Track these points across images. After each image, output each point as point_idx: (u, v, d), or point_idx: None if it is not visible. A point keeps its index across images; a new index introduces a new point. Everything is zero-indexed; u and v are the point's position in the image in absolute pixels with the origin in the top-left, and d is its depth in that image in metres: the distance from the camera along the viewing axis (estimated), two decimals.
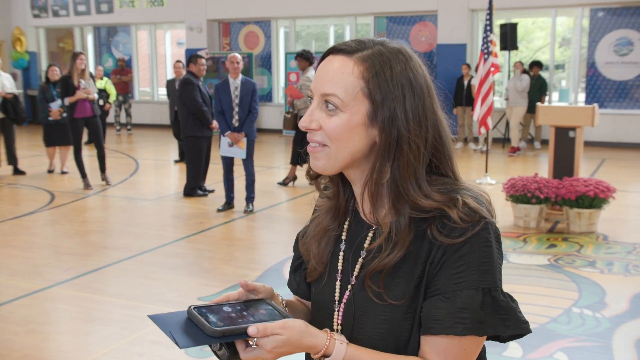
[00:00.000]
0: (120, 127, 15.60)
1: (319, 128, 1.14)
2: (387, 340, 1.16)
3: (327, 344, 1.11)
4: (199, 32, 15.98)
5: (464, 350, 1.12)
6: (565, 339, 3.80)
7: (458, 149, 12.57)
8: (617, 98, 12.92)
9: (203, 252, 5.73)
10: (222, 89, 7.00)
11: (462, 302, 1.10)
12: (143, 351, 3.70)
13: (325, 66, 1.15)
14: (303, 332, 1.10)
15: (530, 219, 6.29)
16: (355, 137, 1.13)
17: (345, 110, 1.12)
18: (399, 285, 1.15)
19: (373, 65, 1.12)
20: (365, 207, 1.21)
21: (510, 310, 1.13)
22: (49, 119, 9.53)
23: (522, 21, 15.01)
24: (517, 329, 1.14)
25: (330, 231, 1.27)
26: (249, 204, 7.22)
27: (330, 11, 14.78)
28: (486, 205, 1.16)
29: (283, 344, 1.08)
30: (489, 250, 1.12)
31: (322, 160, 1.16)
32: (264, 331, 1.07)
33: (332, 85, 1.12)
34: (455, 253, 1.11)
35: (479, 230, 1.11)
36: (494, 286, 1.13)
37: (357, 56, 1.13)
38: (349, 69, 1.12)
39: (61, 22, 17.95)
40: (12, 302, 4.51)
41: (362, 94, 1.12)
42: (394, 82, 1.12)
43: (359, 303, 1.20)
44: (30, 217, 7.16)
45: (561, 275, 4.93)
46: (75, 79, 8.39)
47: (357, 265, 1.21)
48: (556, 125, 6.63)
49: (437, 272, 1.12)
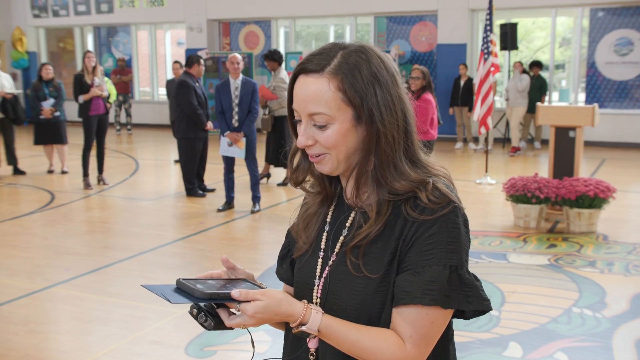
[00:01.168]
0: (120, 127, 15.60)
1: (315, 142, 1.26)
2: (361, 312, 1.26)
3: (304, 313, 1.21)
4: (199, 32, 15.99)
5: (431, 322, 1.22)
6: (565, 339, 3.80)
7: (458, 149, 12.57)
8: (617, 98, 12.92)
9: (203, 252, 5.73)
10: (223, 89, 7.01)
11: (430, 276, 1.20)
12: (143, 351, 3.70)
13: (301, 88, 1.25)
14: (282, 300, 1.21)
15: (531, 219, 6.29)
16: (348, 140, 1.25)
17: (334, 121, 1.23)
18: (374, 260, 1.26)
19: (345, 75, 1.22)
20: (349, 193, 1.33)
21: (473, 288, 1.24)
22: (40, 117, 9.53)
23: (522, 21, 15.01)
24: (479, 305, 1.24)
25: (317, 215, 1.39)
26: (256, 204, 7.22)
27: (330, 11, 14.78)
28: (455, 193, 1.28)
29: (263, 309, 1.18)
30: (457, 232, 1.23)
31: (327, 166, 1.28)
32: (245, 295, 1.18)
33: (315, 105, 1.23)
34: (426, 232, 1.22)
35: (447, 212, 1.23)
36: (460, 265, 1.22)
37: (328, 71, 1.22)
38: (325, 87, 1.22)
39: (61, 22, 17.95)
40: (12, 302, 4.51)
41: (344, 103, 1.23)
42: (365, 82, 1.22)
43: (336, 276, 1.30)
44: (30, 217, 7.16)
45: (561, 275, 4.93)
46: (87, 77, 8.48)
47: (338, 243, 1.32)
48: (556, 125, 6.64)
49: (409, 249, 1.23)
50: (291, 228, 1.45)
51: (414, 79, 6.38)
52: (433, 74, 13.42)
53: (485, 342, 3.72)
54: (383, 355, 1.22)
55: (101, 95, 8.57)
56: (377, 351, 1.22)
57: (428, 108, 6.28)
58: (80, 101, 8.50)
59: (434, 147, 6.56)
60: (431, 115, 6.33)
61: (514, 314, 4.11)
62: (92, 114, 8.55)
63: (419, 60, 14.12)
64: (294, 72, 1.27)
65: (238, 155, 7.04)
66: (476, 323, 3.97)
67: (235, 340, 3.83)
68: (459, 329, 3.95)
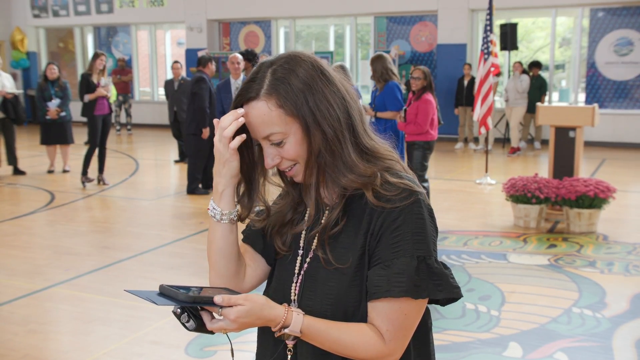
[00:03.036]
0: (121, 127, 15.60)
1: (281, 159, 1.32)
2: (336, 307, 1.29)
3: (285, 316, 1.24)
4: (199, 32, 15.99)
5: (405, 314, 1.26)
6: (565, 339, 3.80)
7: (458, 149, 12.57)
8: (617, 98, 12.92)
9: (203, 252, 5.72)
10: (224, 89, 7.02)
11: (399, 268, 1.24)
12: (143, 351, 3.70)
13: (248, 117, 1.30)
14: (263, 304, 1.23)
15: (530, 219, 6.29)
16: (306, 146, 1.30)
17: (287, 135, 1.29)
18: (343, 252, 1.30)
19: (277, 92, 1.27)
20: (311, 194, 1.38)
21: (443, 276, 1.27)
22: (46, 117, 9.53)
23: (522, 21, 15.01)
24: (449, 293, 1.28)
25: (291, 219, 1.43)
26: None
27: (330, 11, 14.78)
28: (414, 180, 1.32)
29: (245, 314, 1.20)
30: (422, 222, 1.27)
31: (300, 175, 1.34)
32: (228, 301, 1.20)
33: (265, 127, 1.28)
34: (392, 224, 1.26)
35: (410, 203, 1.27)
36: (428, 255, 1.26)
37: (263, 94, 1.28)
38: (266, 109, 1.27)
39: (61, 22, 17.95)
40: (12, 302, 4.51)
41: (288, 116, 1.28)
42: (295, 92, 1.27)
43: (311, 272, 1.35)
44: (30, 217, 7.16)
45: (561, 275, 4.93)
46: (95, 77, 8.56)
47: (315, 240, 1.36)
48: (556, 125, 6.64)
49: (377, 243, 1.27)
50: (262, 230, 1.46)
51: (415, 79, 6.35)
52: (433, 74, 13.41)
53: (485, 342, 3.72)
54: (363, 351, 1.26)
55: (106, 95, 8.63)
56: (357, 347, 1.26)
57: (428, 108, 6.28)
58: (85, 100, 8.53)
59: (434, 148, 6.55)
60: (431, 115, 6.32)
61: (514, 314, 4.11)
62: (97, 114, 8.59)
63: (418, 61, 14.12)
64: (235, 104, 1.32)
65: None
66: (476, 323, 3.98)
67: (235, 340, 3.83)
68: (459, 329, 3.96)
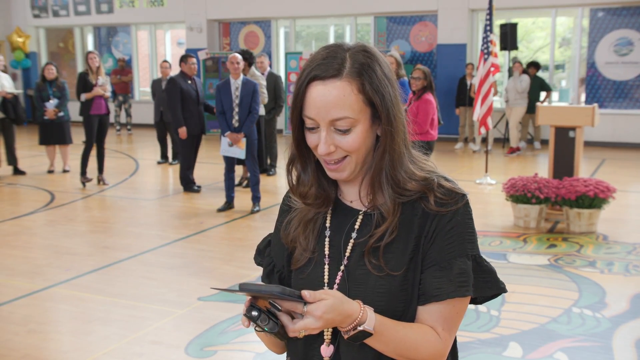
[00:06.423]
0: (120, 127, 15.59)
1: (336, 149, 1.24)
2: (386, 312, 1.23)
3: (362, 311, 1.18)
4: (199, 32, 15.98)
5: (457, 312, 1.27)
6: (565, 339, 3.80)
7: (458, 149, 12.57)
8: (617, 98, 12.92)
9: (203, 252, 5.73)
10: (223, 89, 7.02)
11: (459, 268, 1.23)
12: (143, 351, 3.70)
13: (320, 95, 1.20)
14: (342, 298, 1.17)
15: (530, 219, 6.28)
16: (367, 141, 1.25)
17: (357, 124, 1.22)
18: (395, 258, 1.25)
19: (362, 77, 1.21)
20: (350, 195, 1.33)
21: (491, 273, 1.30)
22: (44, 118, 9.52)
23: (522, 21, 15.01)
24: (497, 290, 1.30)
25: (314, 221, 1.34)
26: (256, 204, 7.21)
27: (330, 11, 14.78)
28: (454, 182, 1.30)
29: (330, 309, 1.14)
30: (471, 223, 1.28)
31: (346, 171, 1.26)
32: (313, 296, 1.14)
33: (340, 110, 1.20)
34: (445, 226, 1.25)
35: (462, 205, 1.26)
36: (478, 253, 1.28)
37: (346, 75, 1.20)
38: (348, 90, 1.20)
39: (61, 22, 17.94)
40: (12, 302, 4.51)
41: (364, 104, 1.22)
42: (380, 81, 1.22)
43: (355, 281, 1.27)
44: (30, 217, 7.16)
45: (561, 275, 4.93)
46: (92, 76, 8.56)
47: (349, 247, 1.29)
48: (556, 125, 6.64)
49: (431, 245, 1.25)
50: (282, 236, 1.38)
51: (416, 79, 6.35)
52: (433, 74, 13.40)
53: (485, 342, 3.72)
54: (425, 350, 1.24)
55: (104, 95, 8.59)
56: (419, 346, 1.23)
57: (429, 108, 6.27)
58: (82, 99, 8.52)
59: (434, 148, 6.55)
60: (432, 115, 6.32)
61: (514, 314, 4.11)
62: (93, 113, 8.57)
63: (419, 61, 14.12)
64: (305, 80, 1.22)
65: (238, 155, 7.04)
66: (476, 323, 3.98)
67: (235, 340, 3.83)
68: (458, 329, 3.96)
